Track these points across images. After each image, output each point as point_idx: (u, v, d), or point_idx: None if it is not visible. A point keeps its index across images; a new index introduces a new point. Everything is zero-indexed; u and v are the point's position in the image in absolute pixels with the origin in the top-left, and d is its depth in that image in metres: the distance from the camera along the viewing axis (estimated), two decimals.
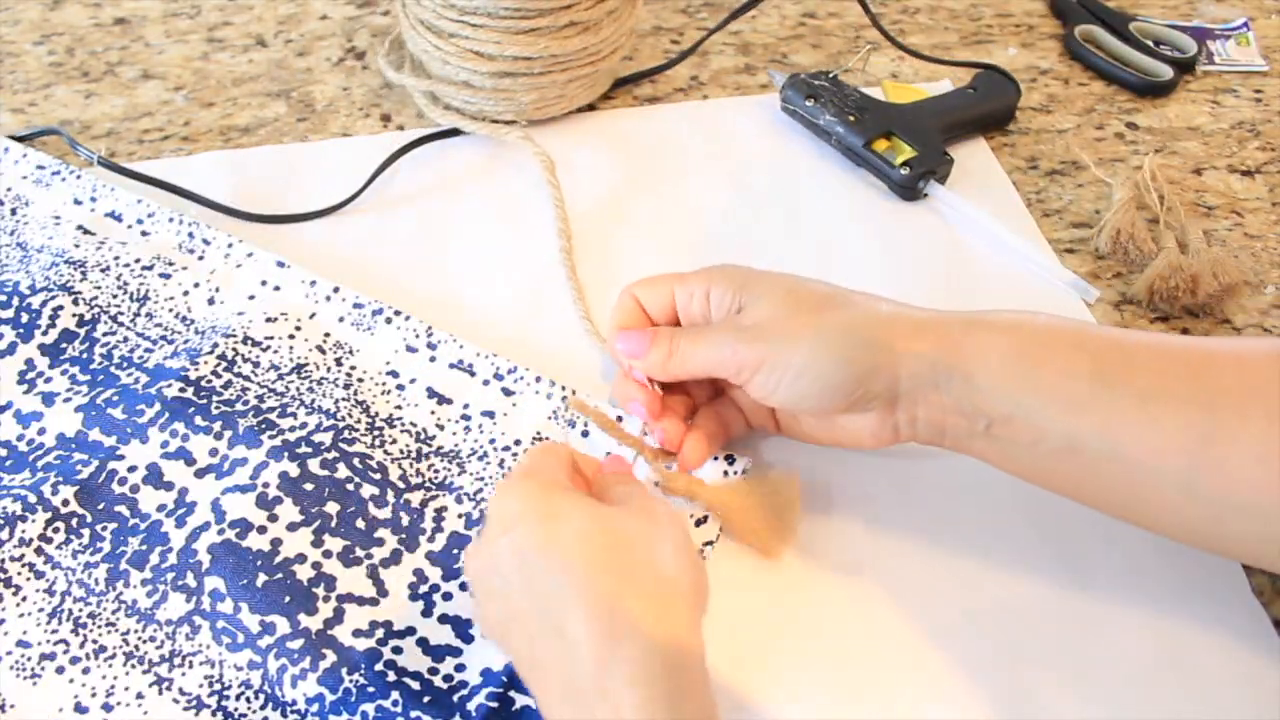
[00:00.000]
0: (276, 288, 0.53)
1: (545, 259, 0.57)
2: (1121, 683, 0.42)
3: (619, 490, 0.40)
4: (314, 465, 0.46)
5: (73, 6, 0.71)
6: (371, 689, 0.40)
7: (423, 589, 0.44)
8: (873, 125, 0.61)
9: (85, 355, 0.50)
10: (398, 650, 0.42)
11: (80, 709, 0.40)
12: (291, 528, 0.44)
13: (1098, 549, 0.46)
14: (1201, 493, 0.37)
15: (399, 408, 0.49)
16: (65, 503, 0.44)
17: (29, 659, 0.41)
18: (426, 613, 0.43)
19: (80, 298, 0.51)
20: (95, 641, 0.41)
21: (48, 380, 0.49)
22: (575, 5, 0.58)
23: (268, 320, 0.51)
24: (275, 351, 0.50)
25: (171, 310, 0.52)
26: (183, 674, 0.41)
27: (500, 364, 0.50)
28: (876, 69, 0.69)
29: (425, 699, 0.40)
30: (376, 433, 0.48)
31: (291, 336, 0.51)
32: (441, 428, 0.48)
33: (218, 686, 0.41)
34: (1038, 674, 0.42)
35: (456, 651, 0.42)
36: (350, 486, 0.46)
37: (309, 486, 0.45)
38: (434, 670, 0.41)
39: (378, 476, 0.46)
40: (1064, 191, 0.62)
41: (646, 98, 0.67)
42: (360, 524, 0.45)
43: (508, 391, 0.49)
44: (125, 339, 0.51)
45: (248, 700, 0.40)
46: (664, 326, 0.46)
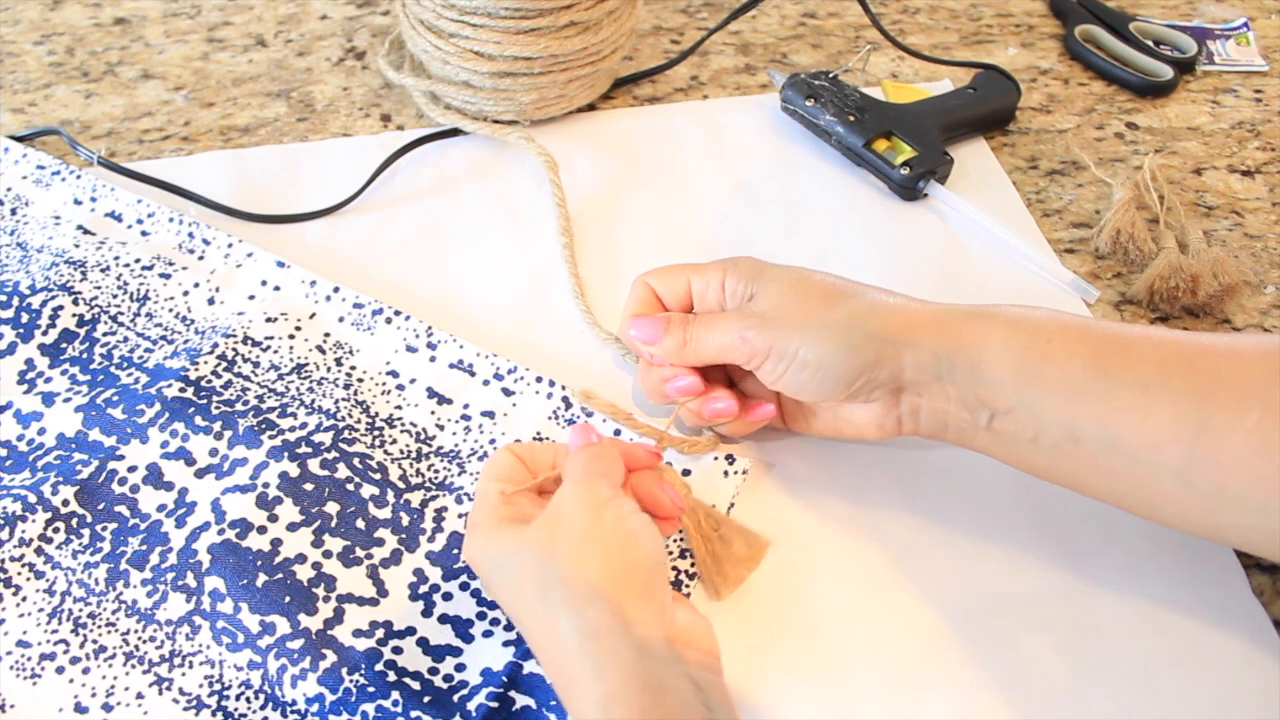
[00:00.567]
0: (276, 288, 0.53)
1: (545, 259, 0.57)
2: (1121, 682, 0.42)
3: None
4: (314, 465, 0.46)
5: (73, 6, 0.71)
6: (371, 689, 0.40)
7: (423, 589, 0.44)
8: (873, 125, 0.61)
9: (85, 355, 0.50)
10: (398, 650, 0.42)
11: (80, 709, 0.40)
12: (291, 528, 0.44)
13: (1097, 548, 0.46)
14: (1198, 484, 0.37)
15: (399, 408, 0.49)
16: (65, 503, 0.44)
17: (29, 659, 0.41)
18: (426, 613, 0.43)
19: (80, 298, 0.51)
20: (95, 641, 0.41)
21: (48, 380, 0.49)
22: (575, 5, 0.58)
23: (268, 320, 0.51)
24: (275, 351, 0.50)
25: (171, 310, 0.52)
26: (183, 674, 0.41)
27: (500, 364, 0.50)
28: (876, 69, 0.69)
29: (425, 699, 0.40)
30: (376, 433, 0.48)
31: (291, 336, 0.51)
32: (441, 428, 0.48)
33: (218, 686, 0.41)
34: (1037, 673, 0.42)
35: (456, 651, 0.42)
36: (350, 486, 0.46)
37: (309, 486, 0.45)
38: (434, 670, 0.41)
39: (378, 476, 0.46)
40: (1064, 191, 0.62)
41: (646, 98, 0.67)
42: (360, 524, 0.45)
43: (508, 391, 0.49)
44: (125, 339, 0.51)
45: (248, 700, 0.40)
46: (677, 313, 0.46)
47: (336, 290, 0.53)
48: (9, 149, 0.59)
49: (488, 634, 0.42)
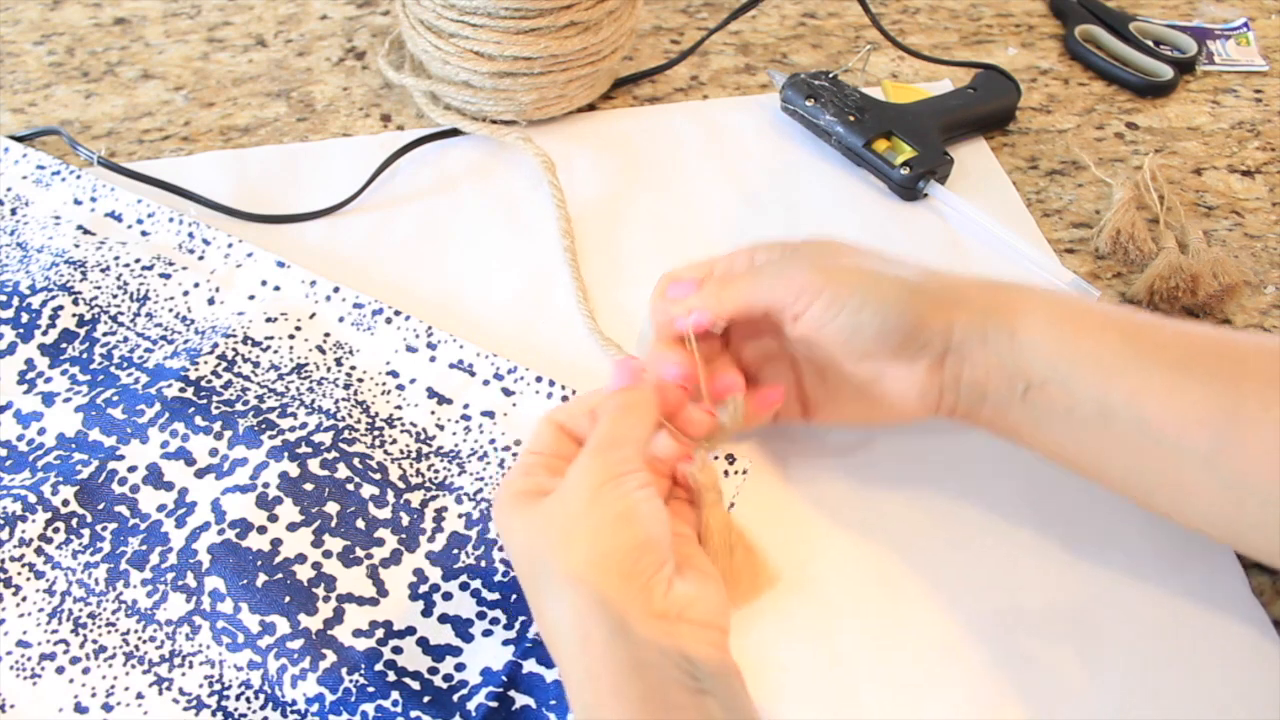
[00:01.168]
0: (276, 288, 0.53)
1: (545, 259, 0.57)
2: (1121, 682, 0.42)
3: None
4: (314, 465, 0.46)
5: (73, 6, 0.71)
6: (371, 689, 0.40)
7: (423, 589, 0.44)
8: (873, 125, 0.61)
9: (85, 355, 0.50)
10: (398, 650, 0.42)
11: (80, 709, 0.40)
12: (291, 528, 0.44)
13: (1098, 549, 0.46)
14: (1223, 472, 0.37)
15: (399, 408, 0.49)
16: (65, 503, 0.44)
17: (29, 659, 0.41)
18: (426, 613, 0.43)
19: (80, 298, 0.51)
20: (95, 641, 0.41)
21: (48, 380, 0.49)
22: (575, 5, 0.58)
23: (268, 320, 0.51)
24: (275, 351, 0.50)
25: (171, 310, 0.52)
26: (183, 674, 0.41)
27: (500, 364, 0.50)
28: (876, 69, 0.69)
29: (425, 699, 0.40)
30: (376, 433, 0.48)
31: (291, 336, 0.51)
32: (441, 428, 0.48)
33: (218, 686, 0.41)
34: (1037, 673, 0.42)
35: (456, 651, 0.42)
36: (350, 486, 0.46)
37: (309, 486, 0.45)
38: (434, 670, 0.41)
39: (378, 476, 0.46)
40: (1064, 191, 0.62)
41: (646, 98, 0.67)
42: (360, 524, 0.45)
43: (508, 391, 0.49)
44: (125, 339, 0.51)
45: (248, 700, 0.40)
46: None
47: (336, 290, 0.53)
48: (9, 149, 0.59)
49: (487, 634, 0.42)
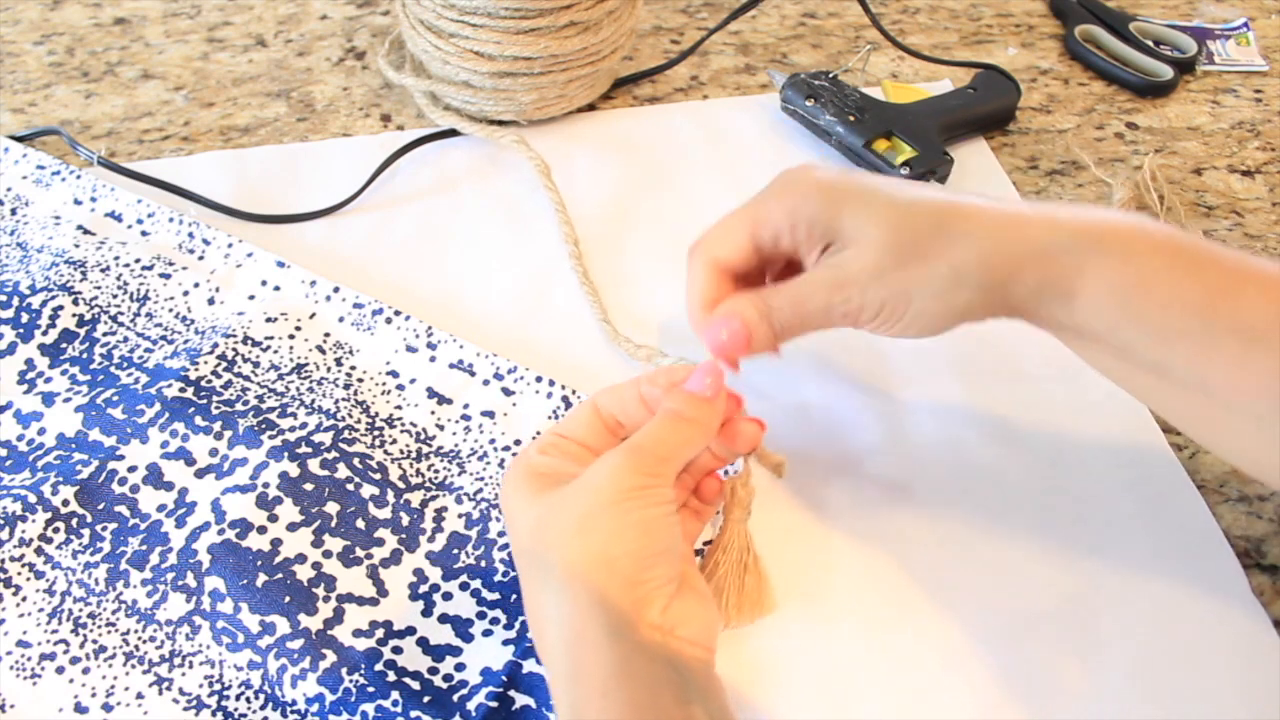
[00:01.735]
0: (276, 288, 0.53)
1: (546, 259, 0.57)
2: (1120, 682, 0.42)
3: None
4: (314, 465, 0.46)
5: (73, 6, 0.71)
6: (371, 689, 0.40)
7: (423, 589, 0.44)
8: (873, 125, 0.61)
9: (85, 355, 0.50)
10: (398, 650, 0.42)
11: (80, 709, 0.40)
12: (291, 528, 0.44)
13: (1097, 548, 0.46)
14: (1277, 434, 0.36)
15: (399, 408, 0.49)
16: (65, 503, 0.44)
17: (29, 659, 0.41)
18: (426, 613, 0.43)
19: (80, 298, 0.51)
20: (95, 641, 0.41)
21: (48, 380, 0.49)
22: (575, 5, 0.58)
23: (268, 320, 0.51)
24: (275, 351, 0.50)
25: (171, 310, 0.52)
26: (183, 674, 0.41)
27: (500, 364, 0.50)
28: (876, 69, 0.69)
29: (425, 699, 0.40)
30: (376, 433, 0.48)
31: (291, 336, 0.51)
32: (441, 428, 0.48)
33: (218, 686, 0.41)
34: (1036, 673, 0.42)
35: (456, 651, 0.42)
36: (350, 486, 0.46)
37: (309, 486, 0.45)
38: (434, 670, 0.41)
39: (378, 476, 0.46)
40: (1064, 191, 0.63)
41: (646, 98, 0.67)
42: (360, 524, 0.45)
43: (508, 391, 0.49)
44: (125, 339, 0.51)
45: (248, 700, 0.40)
46: (747, 300, 0.41)
47: (336, 290, 0.53)
48: (9, 149, 0.59)
49: (487, 633, 0.42)
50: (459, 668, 0.41)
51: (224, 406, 0.48)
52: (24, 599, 0.42)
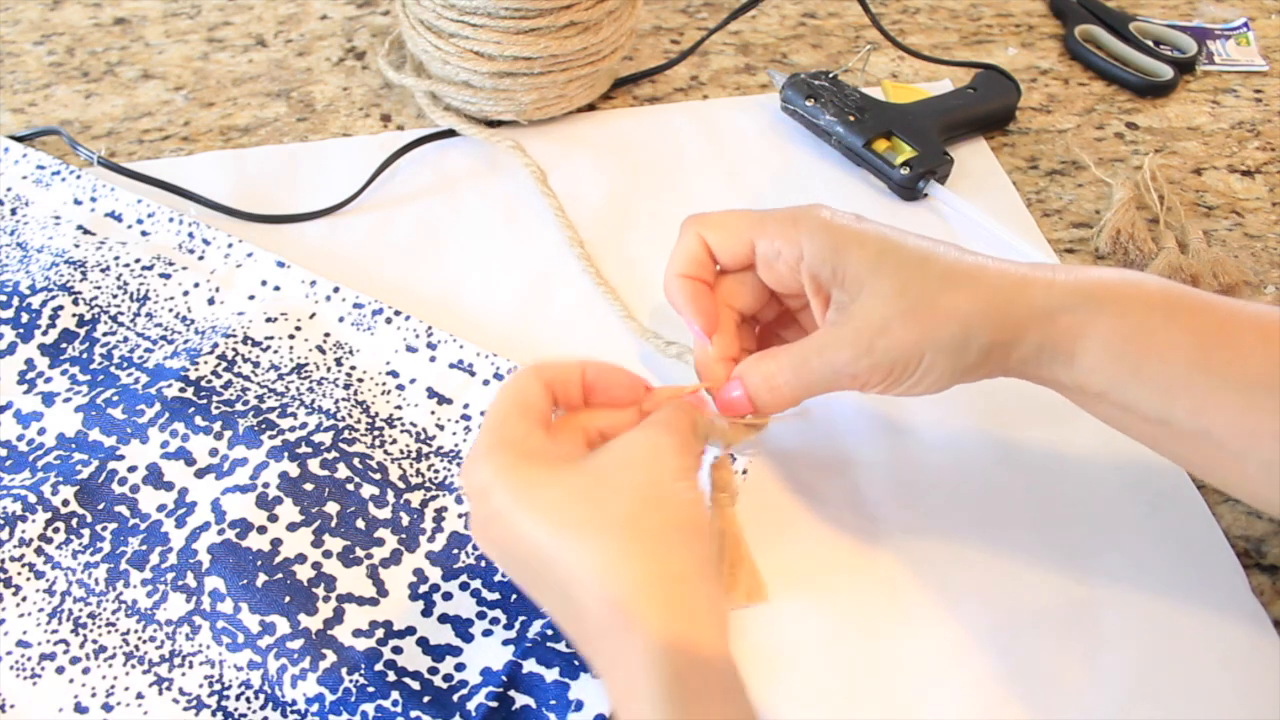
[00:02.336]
0: (276, 288, 0.53)
1: (546, 258, 0.57)
2: (1120, 682, 0.42)
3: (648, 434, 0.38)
4: (314, 465, 0.46)
5: (73, 6, 0.71)
6: (371, 689, 0.40)
7: (423, 589, 0.44)
8: (873, 125, 0.61)
9: (85, 355, 0.50)
10: (398, 650, 0.42)
11: (80, 709, 0.40)
12: (291, 528, 0.44)
13: (1097, 549, 0.46)
14: None
15: (399, 408, 0.49)
16: (65, 503, 0.44)
17: (29, 659, 0.41)
18: (426, 612, 0.43)
19: (80, 298, 0.51)
20: (95, 641, 0.41)
21: (48, 380, 0.49)
22: (575, 5, 0.58)
23: (268, 320, 0.51)
24: (275, 351, 0.50)
25: (171, 310, 0.52)
26: (183, 674, 0.41)
27: (500, 364, 0.50)
28: (876, 69, 0.69)
29: (425, 699, 0.40)
30: (376, 433, 0.48)
31: (291, 336, 0.51)
32: (441, 428, 0.49)
33: (218, 686, 0.41)
34: (1036, 674, 0.42)
35: (456, 651, 0.42)
36: (350, 486, 0.46)
37: (309, 486, 0.45)
38: (434, 670, 0.41)
39: (378, 476, 0.46)
40: (1064, 191, 0.63)
41: (646, 98, 0.67)
42: (360, 524, 0.45)
43: None
44: (125, 339, 0.51)
45: (248, 700, 0.40)
46: (754, 364, 0.42)
47: (336, 290, 0.53)
48: (9, 149, 0.59)
49: (487, 633, 0.42)
50: (459, 668, 0.41)
51: (224, 406, 0.48)
52: (24, 599, 0.42)
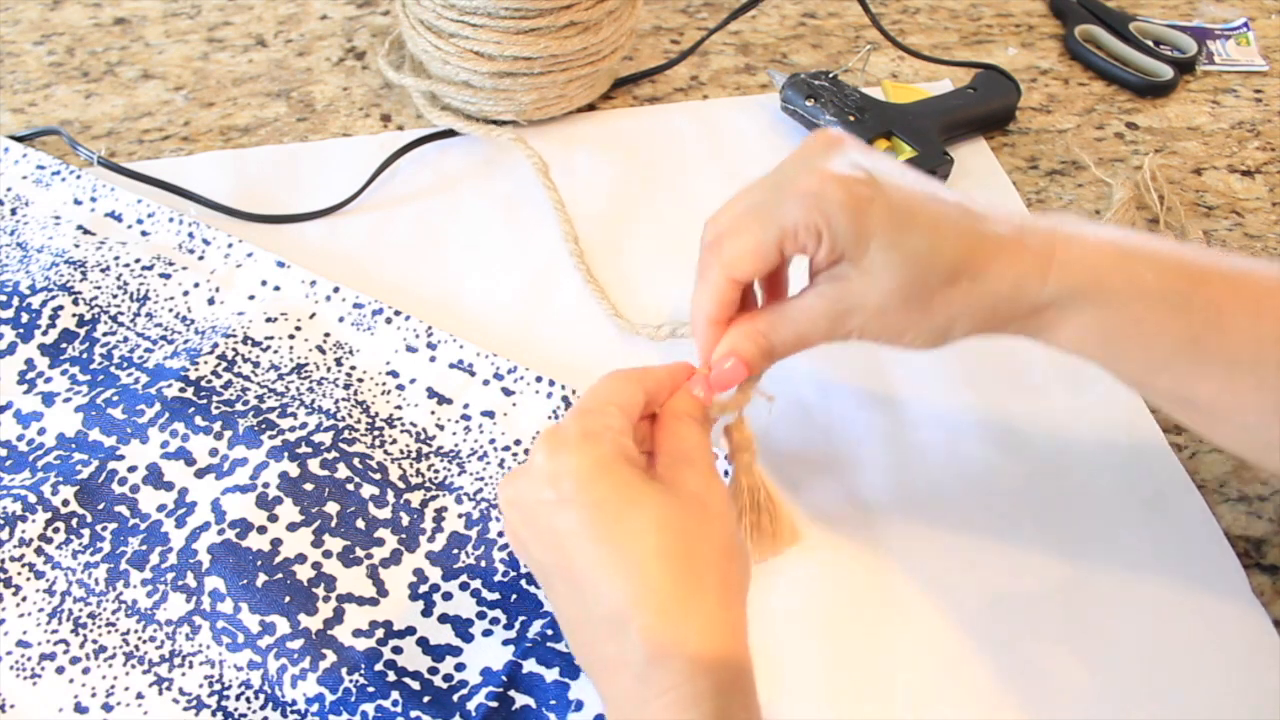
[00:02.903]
0: (276, 288, 0.53)
1: (546, 258, 0.57)
2: (1120, 682, 0.42)
3: (683, 444, 0.39)
4: (314, 465, 0.46)
5: (73, 6, 0.71)
6: (371, 689, 0.40)
7: (423, 589, 0.44)
8: (873, 125, 0.61)
9: (85, 355, 0.50)
10: (398, 650, 0.42)
11: (80, 709, 0.40)
12: (291, 528, 0.44)
13: (1097, 548, 0.46)
14: (1268, 439, 0.38)
15: (399, 408, 0.49)
16: (65, 503, 0.44)
17: (29, 659, 0.41)
18: (426, 612, 0.43)
19: (80, 298, 0.51)
20: (95, 641, 0.41)
21: (48, 380, 0.49)
22: (575, 5, 0.58)
23: (268, 320, 0.51)
24: (275, 351, 0.50)
25: (171, 310, 0.52)
26: (183, 674, 0.41)
27: (500, 364, 0.50)
28: (876, 69, 0.69)
29: (425, 699, 0.40)
30: (376, 433, 0.48)
31: (291, 336, 0.51)
32: (441, 428, 0.49)
33: (218, 686, 0.41)
34: (1036, 674, 0.42)
35: (456, 651, 0.42)
36: (350, 486, 0.46)
37: (309, 486, 0.45)
38: (434, 670, 0.41)
39: (378, 476, 0.46)
40: (1064, 191, 0.63)
41: (646, 98, 0.67)
42: (360, 524, 0.45)
43: (508, 391, 0.49)
44: (125, 339, 0.51)
45: (248, 700, 0.40)
46: (747, 338, 0.41)
47: (336, 290, 0.53)
48: (9, 149, 0.59)
49: (487, 633, 0.42)
50: (459, 668, 0.41)
51: (224, 406, 0.48)
52: (24, 599, 0.42)
